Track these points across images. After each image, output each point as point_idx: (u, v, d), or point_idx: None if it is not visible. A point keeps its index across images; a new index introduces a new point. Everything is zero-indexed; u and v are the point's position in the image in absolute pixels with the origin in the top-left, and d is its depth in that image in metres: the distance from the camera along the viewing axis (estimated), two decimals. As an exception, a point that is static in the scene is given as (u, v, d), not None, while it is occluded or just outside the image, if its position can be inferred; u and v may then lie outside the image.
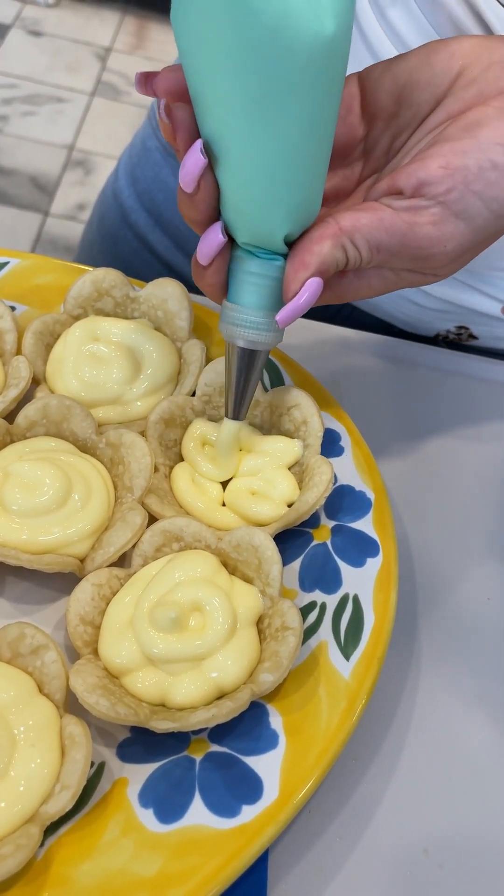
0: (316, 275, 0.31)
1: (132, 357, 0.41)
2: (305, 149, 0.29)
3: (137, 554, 0.36)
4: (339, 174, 0.35)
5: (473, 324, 0.54)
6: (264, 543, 0.35)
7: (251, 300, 0.33)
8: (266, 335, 0.34)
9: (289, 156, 0.29)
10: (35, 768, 0.29)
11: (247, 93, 0.28)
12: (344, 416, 0.43)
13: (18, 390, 0.39)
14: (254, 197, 0.31)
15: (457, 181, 0.30)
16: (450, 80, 0.32)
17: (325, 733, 0.32)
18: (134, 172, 0.61)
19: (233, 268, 0.34)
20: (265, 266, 0.33)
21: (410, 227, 0.31)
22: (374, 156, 0.34)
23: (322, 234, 0.31)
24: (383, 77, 0.32)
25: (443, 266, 0.33)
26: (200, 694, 0.31)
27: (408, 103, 0.32)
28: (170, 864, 0.28)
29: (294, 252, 0.32)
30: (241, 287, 0.33)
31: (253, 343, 0.34)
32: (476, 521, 0.45)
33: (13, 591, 0.36)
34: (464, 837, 0.34)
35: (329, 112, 0.29)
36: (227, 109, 0.28)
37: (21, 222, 1.70)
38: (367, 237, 0.31)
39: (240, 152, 0.29)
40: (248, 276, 0.33)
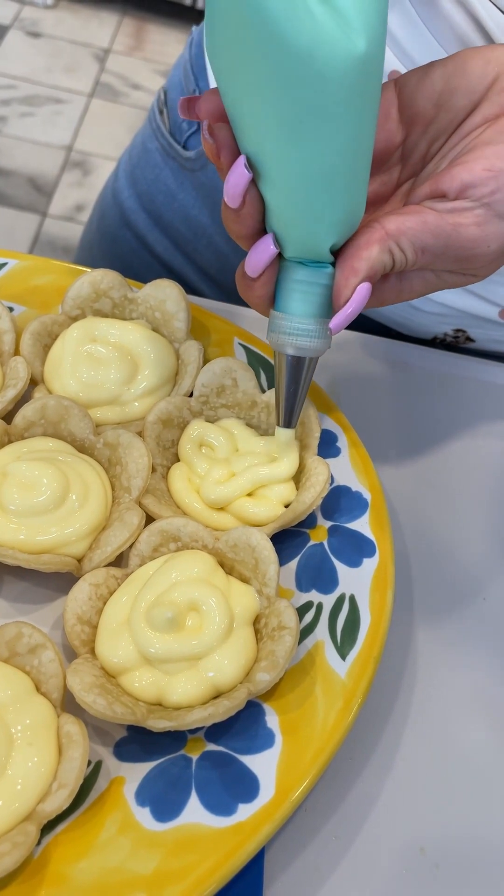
0: (365, 279, 0.32)
1: (130, 358, 0.41)
2: (345, 166, 0.30)
3: (135, 554, 0.36)
4: (377, 180, 0.35)
5: (471, 327, 0.54)
6: (261, 543, 0.35)
7: (300, 308, 0.33)
8: (315, 342, 0.34)
9: (329, 174, 0.29)
10: (32, 767, 0.29)
11: (282, 117, 0.28)
12: (341, 417, 0.43)
13: (16, 391, 0.39)
14: (297, 213, 0.31)
15: (501, 182, 0.31)
16: (486, 85, 0.32)
17: (322, 732, 0.32)
18: (134, 173, 0.62)
19: (279, 277, 0.34)
20: (313, 274, 0.33)
21: (454, 228, 0.31)
22: (411, 161, 0.34)
23: (369, 240, 0.31)
24: (421, 83, 0.33)
25: (483, 266, 0.33)
26: (197, 693, 0.31)
27: (446, 108, 0.33)
28: (166, 862, 0.28)
29: (343, 258, 0.32)
30: (289, 295, 0.33)
31: (302, 350, 0.35)
32: (472, 521, 0.45)
33: (11, 590, 0.36)
34: (460, 836, 0.34)
35: (367, 127, 0.30)
36: (264, 133, 0.29)
37: (19, 223, 1.70)
38: (413, 240, 0.31)
39: (280, 172, 0.30)
40: (296, 285, 0.33)
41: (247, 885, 0.30)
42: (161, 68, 2.16)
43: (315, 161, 0.29)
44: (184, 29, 2.30)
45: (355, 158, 0.30)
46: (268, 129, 0.29)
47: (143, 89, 2.09)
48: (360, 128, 0.29)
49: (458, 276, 0.34)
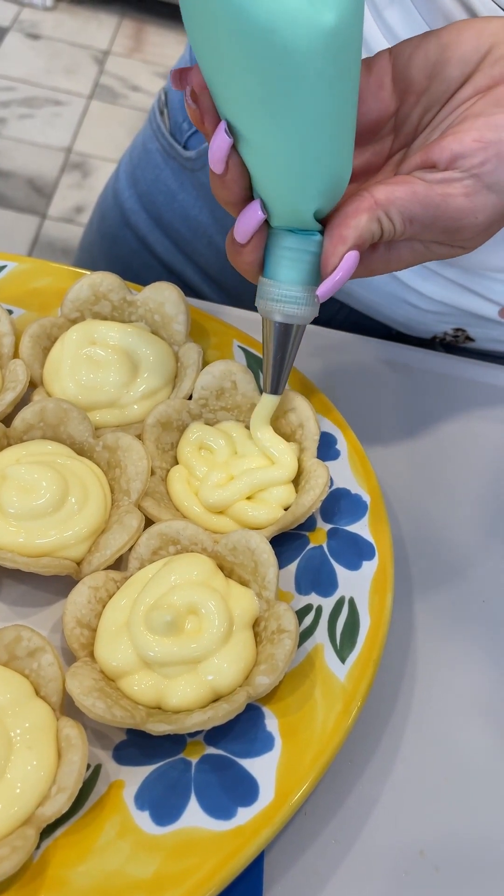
0: (354, 248, 0.32)
1: (129, 360, 0.41)
2: (322, 136, 0.30)
3: (134, 557, 0.36)
4: (369, 150, 0.35)
5: (470, 326, 0.54)
6: (260, 546, 0.35)
7: (287, 275, 0.34)
8: (303, 309, 0.35)
9: (306, 144, 0.30)
10: (31, 771, 0.29)
11: (253, 91, 0.28)
12: (340, 419, 0.43)
13: (16, 393, 0.39)
14: (278, 181, 0.31)
15: (490, 154, 0.31)
16: (479, 56, 0.32)
17: (321, 736, 0.32)
18: (134, 174, 0.62)
19: (268, 244, 0.34)
20: (302, 241, 0.33)
21: (443, 198, 0.31)
22: (404, 131, 0.35)
23: (358, 208, 0.32)
24: (415, 53, 0.33)
25: (471, 238, 0.33)
26: (196, 697, 0.31)
27: (439, 78, 0.33)
28: (166, 865, 0.28)
29: (331, 226, 0.32)
30: (278, 262, 0.34)
31: (290, 317, 0.35)
32: (471, 523, 0.45)
33: (10, 593, 0.36)
34: (460, 839, 0.34)
35: (344, 98, 0.30)
36: (240, 104, 0.29)
37: (18, 225, 1.70)
38: (402, 209, 0.31)
39: (258, 141, 0.30)
40: (285, 252, 0.34)
41: (246, 889, 0.30)
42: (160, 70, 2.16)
43: (290, 132, 0.29)
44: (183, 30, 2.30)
45: (333, 128, 0.30)
46: (242, 101, 0.29)
47: (143, 91, 2.09)
48: (336, 99, 0.29)
49: (446, 247, 0.34)
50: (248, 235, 0.33)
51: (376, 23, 0.43)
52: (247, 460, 0.39)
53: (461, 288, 0.50)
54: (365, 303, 0.55)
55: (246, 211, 0.33)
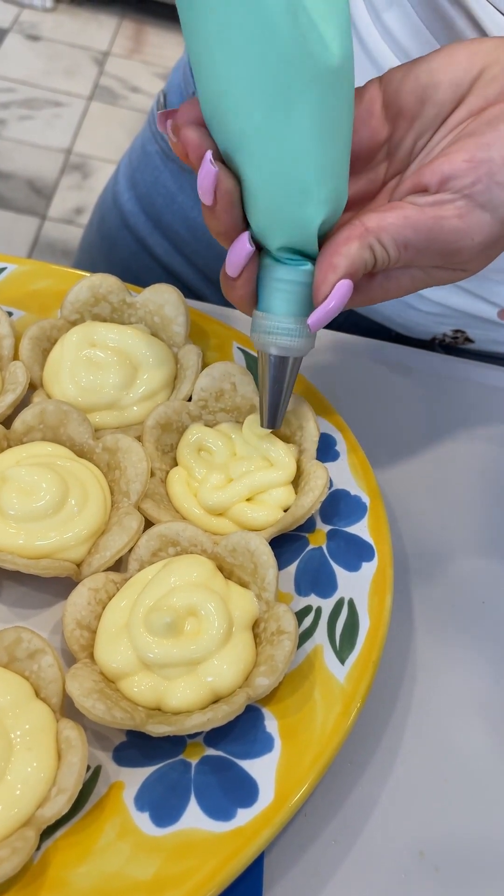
0: (345, 276, 0.31)
1: (129, 362, 0.41)
2: (322, 145, 0.30)
3: (134, 558, 0.36)
4: (364, 178, 0.35)
5: (470, 328, 0.54)
6: (260, 548, 0.35)
7: (281, 307, 0.34)
8: (298, 341, 0.34)
9: (308, 153, 0.30)
10: (31, 772, 0.29)
11: (261, 103, 0.29)
12: (339, 420, 0.43)
13: (15, 395, 0.39)
14: (280, 190, 0.31)
15: (481, 173, 0.31)
16: (471, 78, 0.32)
17: (321, 737, 0.32)
18: (134, 176, 0.62)
19: (261, 276, 0.34)
20: (293, 272, 0.33)
21: (436, 221, 0.31)
22: (397, 157, 0.34)
23: (349, 236, 0.31)
24: (406, 78, 0.33)
25: (470, 260, 0.33)
26: (196, 698, 0.31)
27: (430, 103, 0.33)
28: (166, 867, 0.28)
29: (322, 255, 0.32)
30: (271, 295, 0.34)
31: (286, 350, 0.35)
32: (471, 525, 0.45)
33: (10, 595, 0.36)
34: (459, 839, 0.34)
35: (340, 116, 0.30)
36: (244, 117, 0.30)
37: (18, 226, 1.70)
38: (394, 235, 0.31)
39: (261, 152, 0.30)
40: (277, 284, 0.33)
41: (246, 890, 0.30)
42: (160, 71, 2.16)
43: (295, 141, 0.30)
44: (183, 32, 2.30)
45: (331, 137, 0.30)
46: (247, 113, 0.29)
47: (143, 92, 2.09)
48: (333, 118, 0.30)
49: (446, 271, 0.34)
50: (238, 269, 0.33)
51: (375, 26, 0.43)
52: (246, 462, 0.39)
53: (460, 290, 0.50)
54: None
55: (235, 244, 0.33)
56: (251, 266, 0.33)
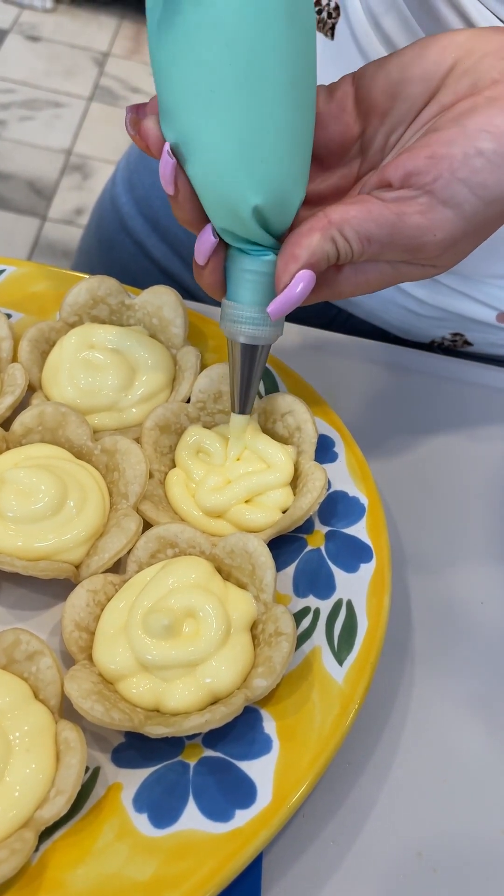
0: (306, 266, 0.32)
1: (127, 364, 0.42)
2: (264, 123, 0.30)
3: (132, 560, 0.36)
4: (336, 173, 0.35)
5: (468, 331, 0.54)
6: (258, 549, 0.35)
7: (247, 297, 0.34)
8: (265, 330, 0.35)
9: (245, 133, 0.30)
10: (30, 773, 0.29)
11: (198, 80, 0.29)
12: (338, 421, 0.43)
13: (14, 397, 0.39)
14: (216, 178, 0.31)
15: (442, 169, 0.30)
16: (443, 72, 0.32)
17: (319, 738, 0.32)
18: (131, 179, 0.62)
19: (228, 266, 0.34)
20: (257, 262, 0.33)
21: (399, 216, 0.31)
22: (370, 153, 0.34)
23: (312, 227, 0.32)
24: (377, 74, 0.33)
25: (437, 256, 0.33)
26: (194, 699, 0.32)
27: (402, 98, 0.33)
28: (164, 868, 0.28)
29: (284, 246, 0.32)
30: (238, 284, 0.34)
31: (253, 339, 0.35)
32: (469, 526, 0.45)
33: (8, 597, 0.36)
34: (457, 840, 0.34)
35: (270, 98, 0.30)
36: (185, 102, 0.30)
37: (19, 227, 1.70)
38: (357, 228, 0.31)
39: (197, 139, 0.30)
40: (243, 274, 0.34)
41: (245, 891, 0.30)
42: (160, 72, 2.16)
43: (228, 122, 0.30)
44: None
45: (273, 119, 0.30)
46: (188, 98, 0.30)
47: (143, 93, 2.09)
48: (275, 83, 0.29)
49: (414, 266, 0.34)
50: (205, 257, 0.33)
51: (374, 31, 0.43)
52: (244, 464, 0.39)
53: (459, 294, 0.50)
54: (362, 308, 0.55)
55: (201, 235, 0.33)
56: (217, 255, 0.34)
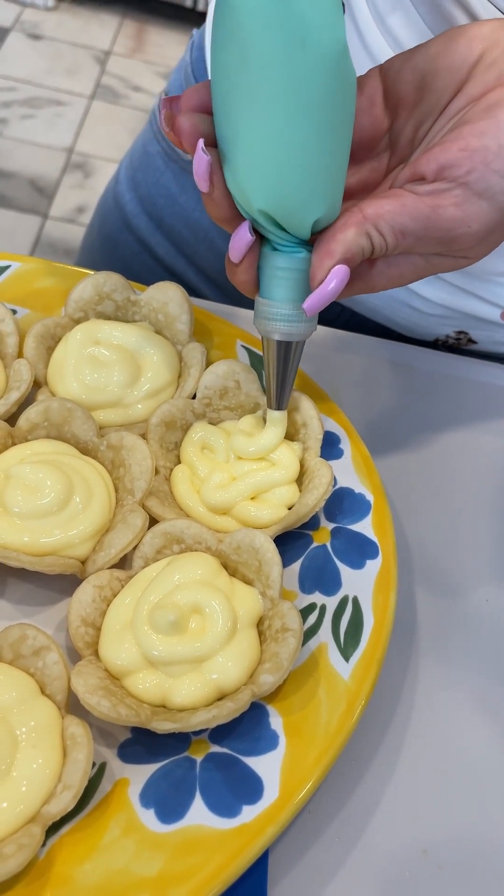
0: (341, 262, 0.32)
1: (133, 360, 0.41)
2: (330, 137, 0.30)
3: (138, 556, 0.36)
4: (366, 167, 0.35)
5: (473, 329, 0.54)
6: (264, 545, 0.35)
7: (281, 294, 0.34)
8: (299, 326, 0.35)
9: (315, 143, 0.30)
10: (37, 769, 0.29)
11: (277, 90, 0.29)
12: (343, 418, 0.43)
13: (20, 393, 0.39)
14: (282, 187, 0.31)
15: (476, 162, 0.31)
16: (470, 64, 0.32)
17: (325, 734, 0.32)
18: (135, 177, 0.62)
19: (262, 265, 0.34)
20: (291, 260, 0.34)
21: (433, 209, 0.31)
22: (399, 146, 0.34)
23: (346, 223, 0.32)
24: (404, 68, 0.33)
25: (471, 248, 0.33)
26: (201, 695, 0.32)
27: (429, 90, 0.33)
28: (171, 863, 0.28)
29: (319, 242, 0.32)
30: (271, 282, 0.34)
31: (288, 335, 0.35)
32: (475, 522, 0.45)
33: (15, 592, 0.36)
34: (463, 838, 0.34)
35: (341, 110, 0.30)
36: (258, 112, 0.29)
37: (20, 225, 1.70)
38: (391, 223, 0.31)
39: (264, 142, 0.30)
40: (277, 272, 0.34)
41: (251, 887, 0.30)
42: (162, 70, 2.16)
43: (302, 132, 0.30)
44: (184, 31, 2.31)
45: (337, 134, 0.30)
46: (262, 108, 0.29)
47: (144, 91, 2.09)
48: (340, 106, 0.30)
49: (447, 259, 0.34)
50: (240, 255, 0.33)
51: (379, 30, 0.43)
52: (248, 461, 0.39)
53: (463, 292, 0.50)
54: (367, 306, 0.55)
55: (237, 232, 0.33)
56: (252, 252, 0.34)
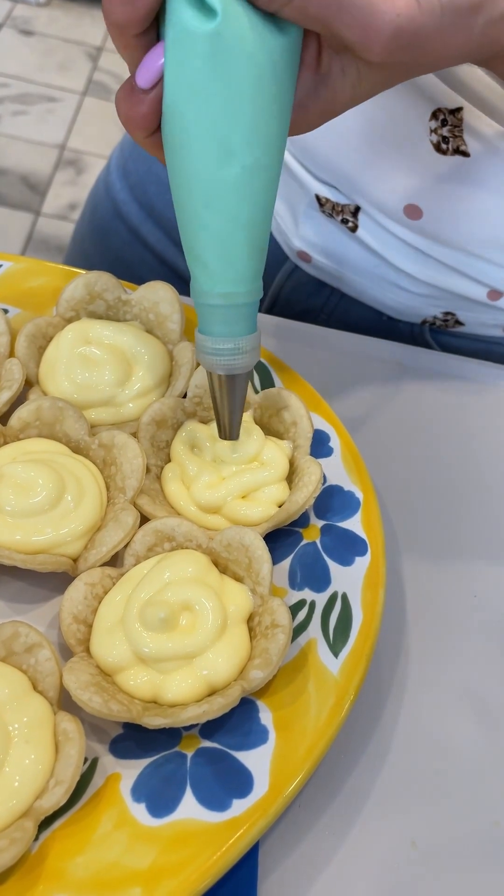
0: None
1: (124, 359, 0.42)
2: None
3: (129, 553, 0.36)
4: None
5: (460, 310, 0.54)
6: (254, 543, 0.35)
7: (221, 329, 0.34)
8: (243, 358, 0.34)
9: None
10: (29, 764, 0.29)
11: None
12: (333, 416, 0.43)
13: (11, 392, 0.39)
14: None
15: None
16: None
17: (314, 729, 0.32)
18: (126, 166, 0.62)
19: (195, 300, 0.34)
20: (226, 296, 0.33)
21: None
22: None
23: None
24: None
25: (384, 45, 0.27)
26: (192, 691, 0.32)
27: None
28: (162, 857, 0.29)
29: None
30: (210, 317, 0.33)
31: (233, 368, 0.35)
32: (463, 519, 0.45)
33: (7, 590, 0.36)
34: (451, 830, 0.34)
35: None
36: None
37: (12, 222, 1.70)
38: None
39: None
40: (215, 308, 0.33)
41: (241, 879, 0.31)
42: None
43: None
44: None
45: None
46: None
47: (137, 87, 2.09)
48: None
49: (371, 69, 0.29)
50: (152, 80, 0.29)
51: None
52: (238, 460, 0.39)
53: (449, 269, 0.50)
54: (355, 287, 0.56)
55: (152, 52, 0.29)
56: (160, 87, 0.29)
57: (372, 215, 0.50)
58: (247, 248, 0.31)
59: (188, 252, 0.32)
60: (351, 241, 0.53)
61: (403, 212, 0.48)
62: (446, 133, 0.43)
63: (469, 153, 0.44)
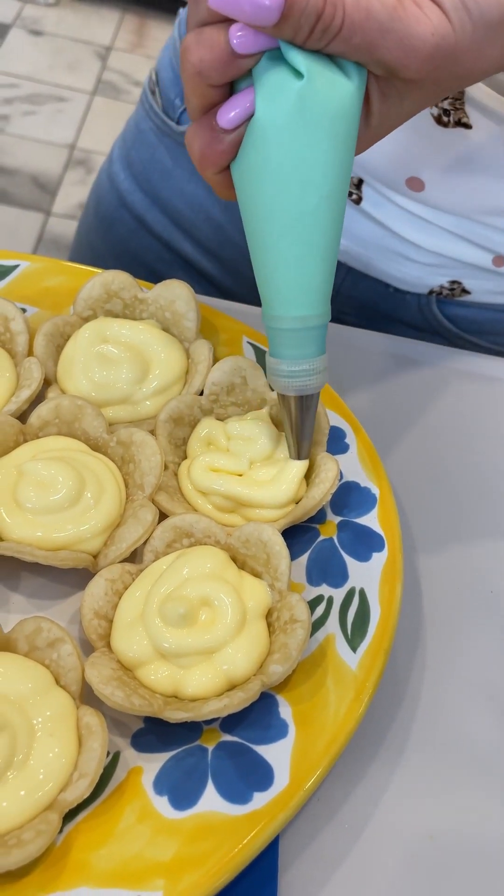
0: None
1: (141, 357, 0.42)
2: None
3: (149, 550, 0.36)
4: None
5: (466, 278, 0.54)
6: (272, 539, 0.35)
7: (293, 353, 0.35)
8: (314, 378, 0.36)
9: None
10: (53, 757, 0.29)
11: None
12: (348, 413, 0.44)
13: (31, 391, 0.40)
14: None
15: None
16: None
17: (334, 723, 0.32)
18: (129, 155, 0.62)
19: (267, 325, 0.35)
20: (296, 320, 0.34)
21: (396, 8, 0.28)
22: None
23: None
24: None
25: (421, 62, 0.29)
26: (212, 685, 0.32)
27: None
28: (184, 849, 0.29)
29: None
30: (281, 342, 0.35)
31: (304, 389, 0.36)
32: (479, 515, 0.46)
33: (29, 586, 0.37)
34: (468, 824, 0.35)
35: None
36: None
37: (23, 222, 1.70)
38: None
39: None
40: (284, 332, 0.35)
41: (262, 872, 0.31)
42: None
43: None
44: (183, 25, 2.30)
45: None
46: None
47: (145, 87, 2.09)
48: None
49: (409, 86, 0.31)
50: (236, 123, 0.31)
51: None
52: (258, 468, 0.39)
53: (454, 236, 0.50)
54: (361, 260, 0.56)
55: (239, 98, 0.30)
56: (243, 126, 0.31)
57: (375, 187, 0.50)
58: (320, 273, 0.33)
59: (261, 280, 0.34)
60: (355, 213, 0.53)
61: (406, 184, 0.48)
62: (447, 106, 0.43)
63: (471, 125, 0.44)
